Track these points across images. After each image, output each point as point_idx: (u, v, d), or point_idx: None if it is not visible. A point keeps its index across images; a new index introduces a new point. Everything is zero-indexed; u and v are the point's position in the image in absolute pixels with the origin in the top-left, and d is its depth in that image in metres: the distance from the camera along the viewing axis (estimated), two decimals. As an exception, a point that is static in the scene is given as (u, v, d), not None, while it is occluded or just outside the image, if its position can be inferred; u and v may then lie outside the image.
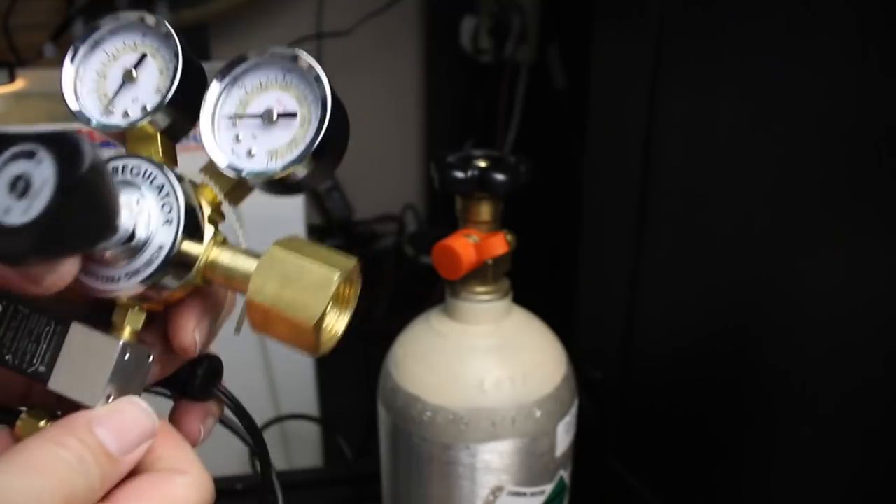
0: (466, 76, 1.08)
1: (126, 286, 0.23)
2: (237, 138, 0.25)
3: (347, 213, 1.20)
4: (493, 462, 0.43)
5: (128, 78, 0.25)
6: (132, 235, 0.23)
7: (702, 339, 0.54)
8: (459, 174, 0.41)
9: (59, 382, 0.24)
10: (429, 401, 0.43)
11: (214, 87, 0.25)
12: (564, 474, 0.46)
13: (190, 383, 0.27)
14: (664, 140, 0.55)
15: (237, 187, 0.26)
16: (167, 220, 0.23)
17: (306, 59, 0.25)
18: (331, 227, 1.21)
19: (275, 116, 0.25)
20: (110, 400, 0.25)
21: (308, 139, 0.24)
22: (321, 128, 0.24)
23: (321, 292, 0.23)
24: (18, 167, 0.18)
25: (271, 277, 0.23)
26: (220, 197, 0.25)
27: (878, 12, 0.39)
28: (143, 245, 0.23)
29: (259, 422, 0.76)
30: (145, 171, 0.24)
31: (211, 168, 0.26)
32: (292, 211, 0.72)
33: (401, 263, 1.14)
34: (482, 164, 0.42)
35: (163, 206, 0.23)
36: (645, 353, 0.61)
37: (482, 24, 1.01)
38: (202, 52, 1.06)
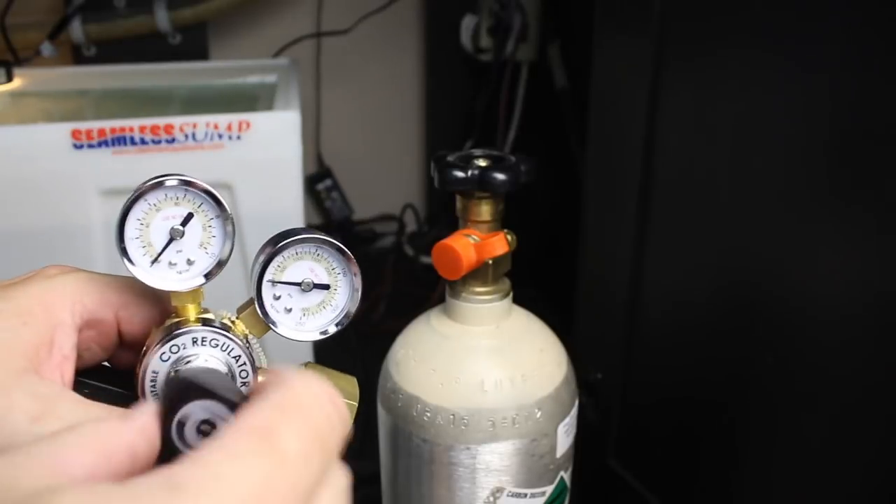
0: (466, 75, 1.08)
1: None
2: (275, 296, 0.31)
3: (347, 213, 1.20)
4: (493, 463, 0.42)
5: (175, 234, 0.29)
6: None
7: (703, 340, 0.54)
8: (459, 174, 0.41)
9: None
10: (429, 401, 0.42)
11: (260, 257, 0.31)
12: (565, 475, 0.46)
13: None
14: (665, 139, 0.55)
15: (265, 328, 0.31)
16: (244, 384, 0.29)
17: (338, 243, 0.31)
18: (330, 227, 1.20)
19: (311, 287, 0.31)
20: None
21: (339, 308, 0.31)
22: (351, 304, 0.31)
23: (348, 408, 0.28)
24: (202, 414, 0.23)
25: None
26: (250, 333, 0.31)
27: (878, 11, 0.39)
28: None
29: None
30: (224, 344, 0.29)
31: (250, 314, 0.31)
32: (292, 211, 0.71)
33: (400, 263, 1.14)
34: (482, 163, 0.42)
35: (240, 372, 0.29)
36: (646, 354, 0.61)
37: (482, 23, 1.00)
38: (201, 51, 1.06)
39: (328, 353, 0.85)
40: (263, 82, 0.91)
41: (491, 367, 0.43)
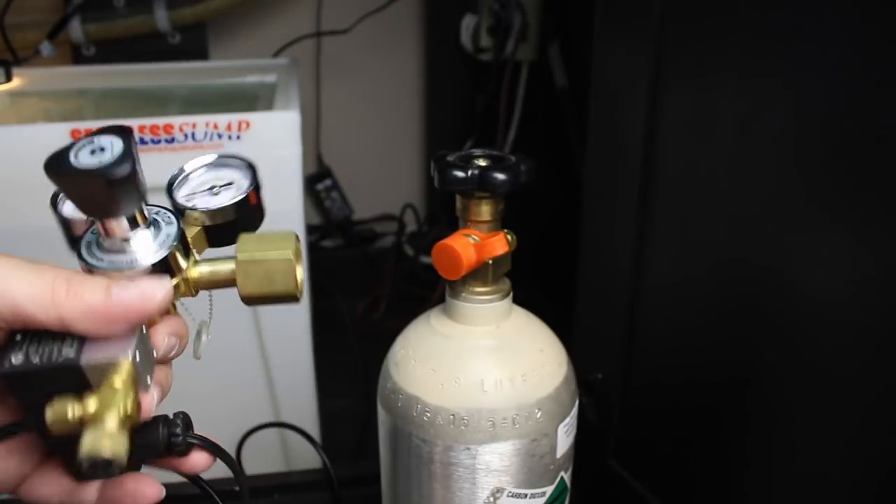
0: (466, 75, 1.08)
1: (143, 262, 0.32)
2: (195, 205, 0.36)
3: (347, 213, 1.20)
4: (493, 463, 0.42)
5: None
6: (150, 223, 0.33)
7: (703, 340, 0.54)
8: (459, 174, 0.41)
9: (91, 355, 0.30)
10: (429, 401, 0.42)
11: (175, 180, 0.37)
12: (565, 475, 0.46)
13: (174, 440, 0.34)
14: (665, 139, 0.55)
15: (199, 238, 0.36)
16: (170, 223, 0.34)
17: (238, 156, 0.37)
18: (330, 227, 1.20)
19: (218, 189, 0.37)
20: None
21: (242, 193, 0.36)
22: (252, 186, 0.36)
23: (288, 240, 0.34)
24: (93, 146, 0.28)
25: (251, 245, 0.34)
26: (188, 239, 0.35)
27: (878, 12, 0.39)
28: (157, 233, 0.33)
29: (253, 423, 0.75)
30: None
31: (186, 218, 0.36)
32: (291, 210, 0.71)
33: (400, 263, 1.14)
34: (482, 163, 0.42)
35: (167, 220, 0.34)
36: (646, 354, 0.61)
37: (482, 23, 1.00)
38: (200, 50, 1.06)
39: (328, 354, 0.85)
40: (263, 82, 0.91)
41: (491, 367, 0.43)
